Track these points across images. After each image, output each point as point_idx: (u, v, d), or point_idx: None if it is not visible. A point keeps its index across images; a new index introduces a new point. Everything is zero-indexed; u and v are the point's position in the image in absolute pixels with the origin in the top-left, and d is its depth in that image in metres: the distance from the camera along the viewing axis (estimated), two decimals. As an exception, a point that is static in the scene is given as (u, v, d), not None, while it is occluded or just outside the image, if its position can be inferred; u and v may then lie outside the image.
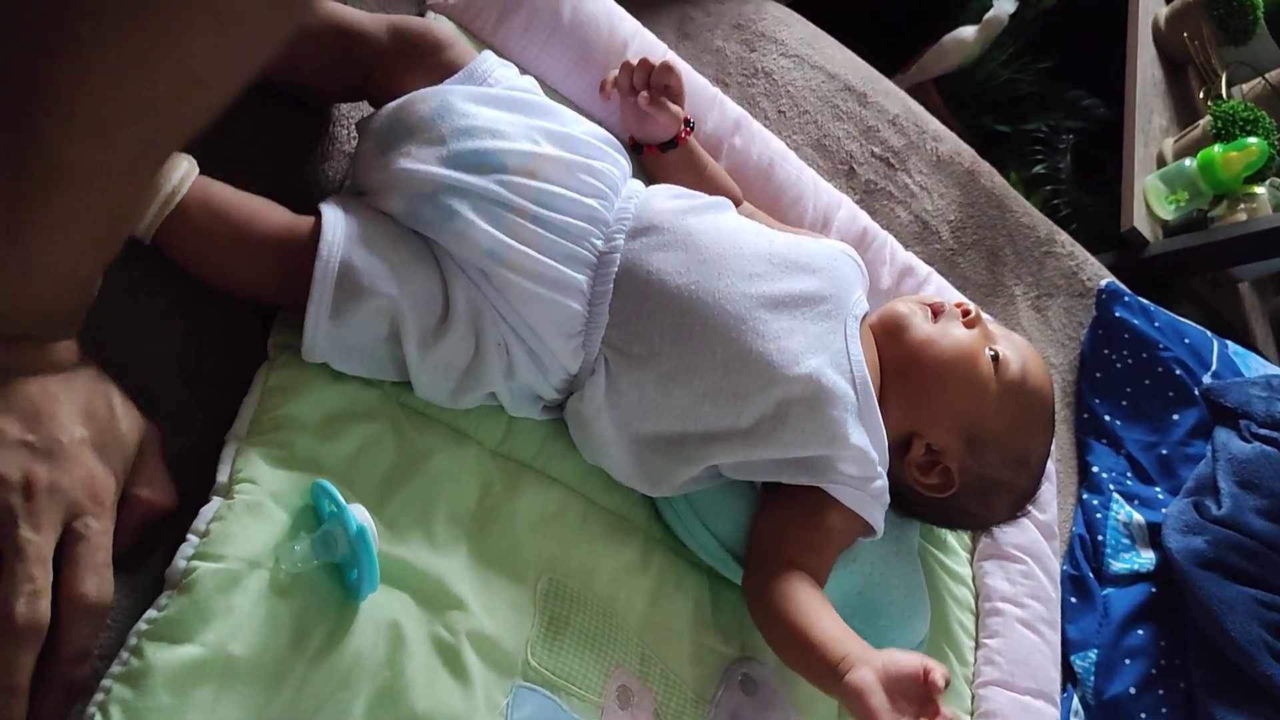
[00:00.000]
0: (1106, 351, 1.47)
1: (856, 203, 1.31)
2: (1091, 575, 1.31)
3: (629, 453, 0.92)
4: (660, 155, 1.06)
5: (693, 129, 1.07)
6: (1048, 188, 2.19)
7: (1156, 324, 1.48)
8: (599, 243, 0.89)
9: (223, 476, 0.75)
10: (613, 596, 0.92)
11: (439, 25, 0.92)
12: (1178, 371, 1.44)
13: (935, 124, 1.44)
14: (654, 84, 1.04)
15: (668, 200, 0.94)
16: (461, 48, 0.91)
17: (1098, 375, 1.46)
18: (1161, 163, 1.97)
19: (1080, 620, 1.28)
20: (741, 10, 1.31)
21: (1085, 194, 2.19)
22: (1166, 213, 1.85)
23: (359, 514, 0.74)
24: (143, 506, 0.72)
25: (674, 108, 1.05)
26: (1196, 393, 1.44)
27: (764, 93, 1.28)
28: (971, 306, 1.05)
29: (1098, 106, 2.32)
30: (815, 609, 0.89)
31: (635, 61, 1.04)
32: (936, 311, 1.04)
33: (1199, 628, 1.23)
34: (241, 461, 0.76)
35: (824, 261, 0.99)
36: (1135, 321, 1.47)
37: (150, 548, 0.72)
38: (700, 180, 1.07)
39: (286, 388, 0.81)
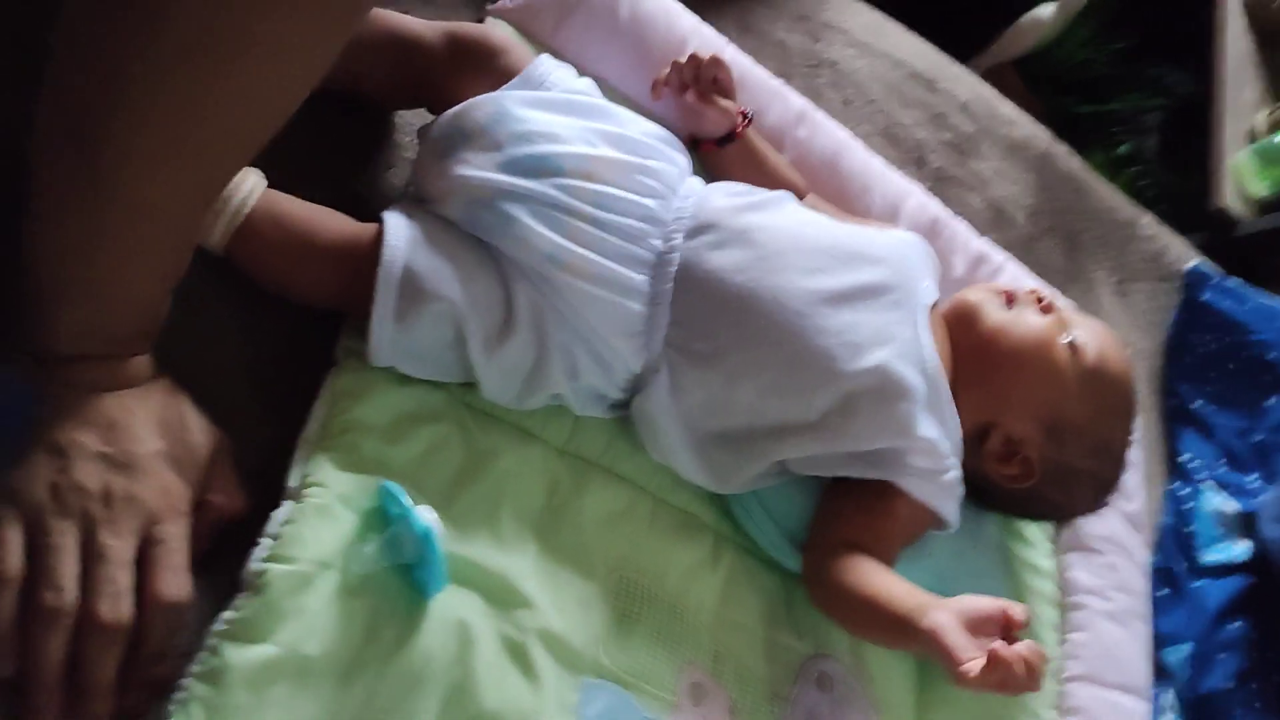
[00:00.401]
0: (1193, 336, 1.42)
1: (928, 190, 1.29)
2: (1182, 567, 1.27)
3: (696, 450, 0.92)
4: (717, 150, 1.06)
5: (750, 122, 1.06)
6: (1133, 169, 2.12)
7: (1246, 306, 1.43)
8: (657, 243, 0.89)
9: (293, 481, 0.77)
10: (684, 594, 0.92)
11: (495, 31, 0.93)
12: (1270, 355, 1.39)
13: (1007, 108, 1.41)
14: (702, 79, 1.03)
15: (725, 198, 0.94)
16: (518, 52, 0.92)
17: (1185, 360, 1.41)
18: (1253, 138, 1.90)
19: (1171, 613, 1.24)
20: (804, 1, 1.29)
21: (1172, 174, 2.12)
22: (1259, 189, 1.78)
23: (425, 515, 0.75)
24: (216, 512, 0.74)
25: (725, 102, 1.04)
26: (1292, 376, 1.39)
27: (829, 83, 1.27)
28: (1045, 292, 1.03)
29: (1183, 83, 2.24)
30: (880, 575, 0.88)
31: (684, 59, 1.03)
32: (1010, 299, 1.02)
33: (1297, 620, 1.19)
34: (311, 465, 0.77)
35: (889, 251, 0.97)
36: (1223, 305, 1.42)
37: (227, 551, 0.74)
38: (761, 174, 1.07)
39: (354, 392, 0.82)
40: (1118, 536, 1.18)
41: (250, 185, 0.81)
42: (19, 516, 0.65)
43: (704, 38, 1.12)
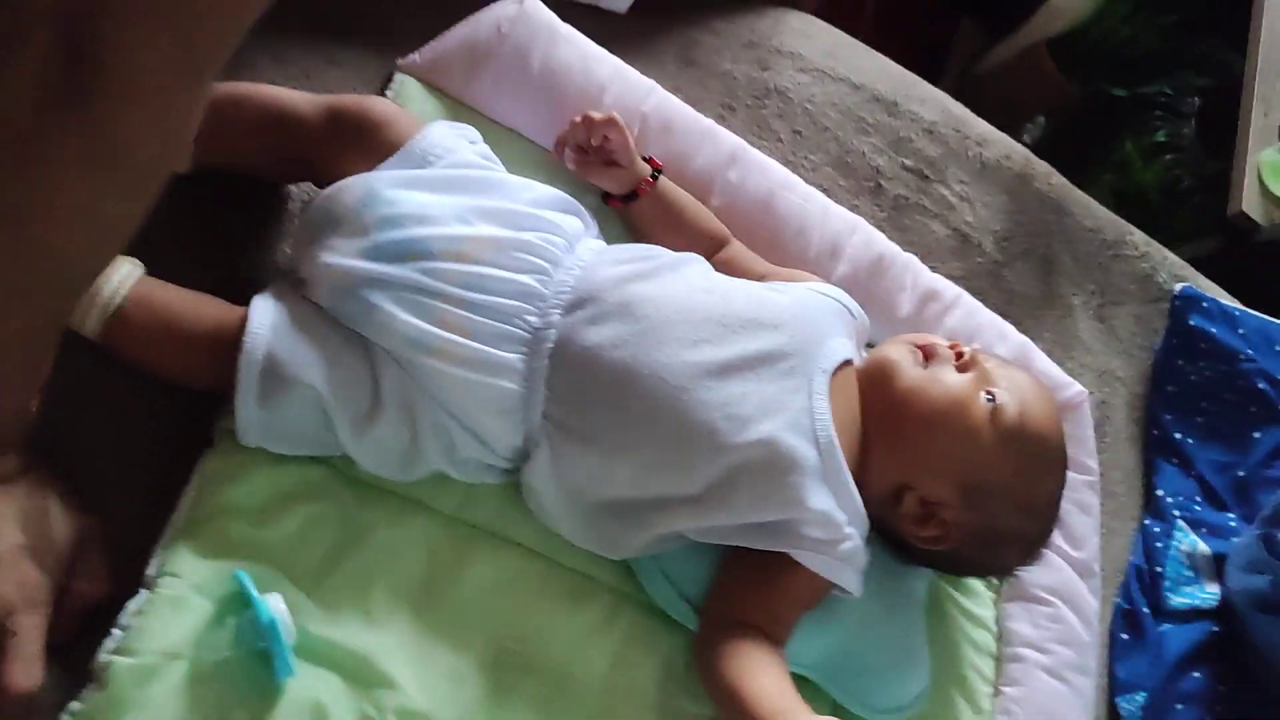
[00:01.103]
0: (1181, 363, 1.36)
1: (884, 221, 1.26)
2: (1147, 610, 1.23)
3: (583, 519, 0.92)
4: (624, 206, 1.05)
5: (657, 178, 1.04)
6: (1168, 156, 2.01)
7: (1241, 330, 1.36)
8: (533, 319, 0.88)
9: (151, 569, 0.80)
10: (570, 661, 0.92)
11: (375, 104, 0.92)
12: (1261, 385, 1.32)
13: (981, 127, 1.35)
14: (593, 141, 1.02)
15: (615, 266, 0.93)
16: (400, 124, 0.92)
17: (1170, 389, 1.35)
18: (1284, 133, 1.78)
19: (1131, 659, 1.20)
20: (755, 27, 1.26)
21: (1212, 161, 2.00)
22: (1283, 191, 1.68)
23: (273, 604, 0.78)
24: (81, 599, 0.78)
25: (632, 159, 1.03)
26: (1282, 407, 1.31)
27: (777, 114, 1.23)
28: (966, 348, 0.99)
29: (1233, 62, 2.10)
30: (756, 666, 0.87)
31: (580, 118, 1.02)
32: (929, 354, 0.99)
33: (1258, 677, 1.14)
34: (170, 554, 0.80)
35: (790, 314, 0.95)
36: (1214, 330, 1.35)
37: (93, 638, 0.78)
38: (676, 226, 1.05)
39: (225, 474, 0.85)
40: (1064, 587, 1.14)
41: (122, 274, 0.84)
42: None
43: (625, 84, 1.10)
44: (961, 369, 0.98)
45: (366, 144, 0.91)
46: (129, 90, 0.59)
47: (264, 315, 0.83)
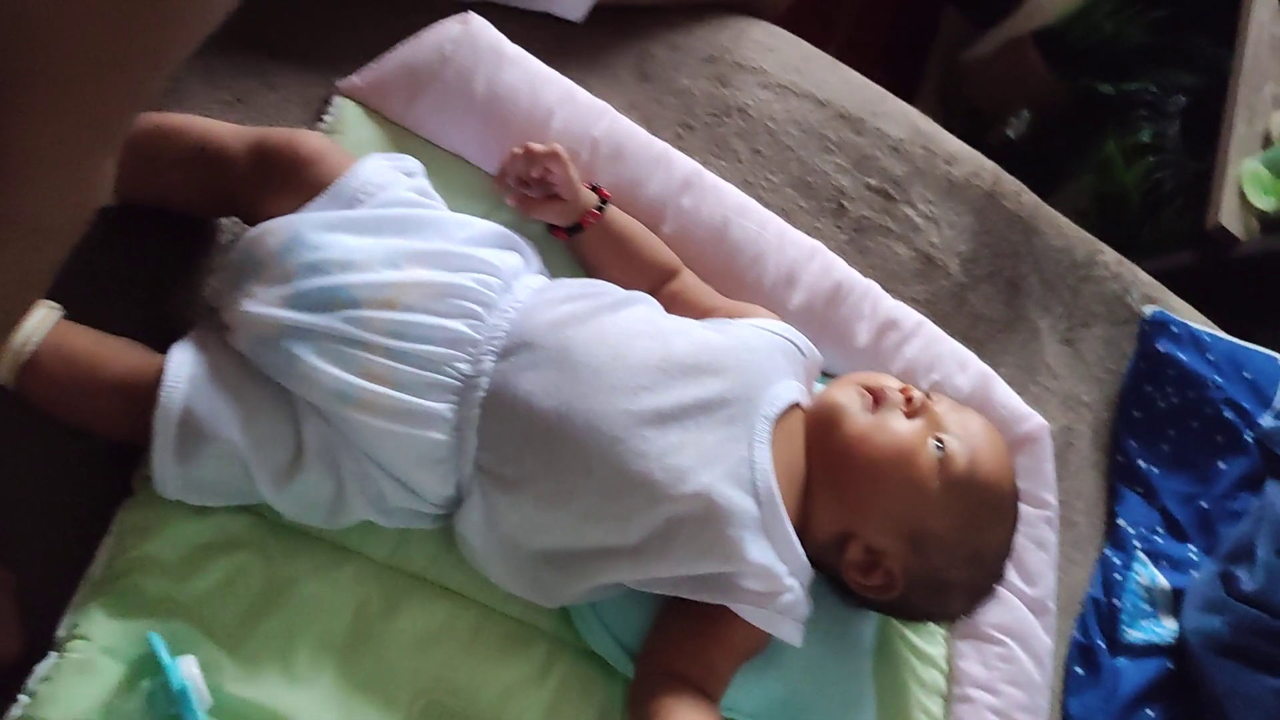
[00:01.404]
0: (1149, 389, 1.33)
1: (845, 244, 1.23)
2: (1103, 644, 1.21)
3: (517, 569, 0.90)
4: (569, 239, 1.02)
5: (604, 209, 1.01)
6: (1151, 158, 1.98)
7: (1210, 357, 1.33)
8: (464, 366, 0.86)
9: (61, 630, 0.78)
10: (501, 713, 0.91)
11: (304, 141, 0.89)
12: (1227, 414, 1.29)
13: (951, 144, 1.32)
14: (533, 175, 0.98)
15: (551, 309, 0.90)
16: (331, 161, 0.88)
17: (1136, 414, 1.32)
18: (1268, 143, 1.74)
19: (1084, 694, 1.19)
20: (715, 40, 1.22)
21: (1195, 163, 1.96)
22: (1264, 204, 1.64)
23: (185, 669, 0.75)
24: (-11, 659, 0.76)
25: (575, 192, 0.99)
26: (1248, 437, 1.29)
27: (737, 132, 1.20)
28: (916, 393, 0.97)
29: (1221, 59, 2.06)
30: None
31: (520, 151, 0.98)
32: (878, 398, 0.96)
33: (1210, 720, 1.12)
34: (81, 614, 0.78)
35: (731, 358, 0.92)
36: (1182, 355, 1.32)
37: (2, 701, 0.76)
38: (623, 258, 1.02)
39: (144, 527, 0.82)
40: (1017, 625, 1.12)
41: (37, 319, 0.81)
42: None
43: (575, 108, 1.06)
44: (911, 415, 0.95)
45: (295, 182, 0.87)
46: (29, 168, 0.57)
47: (181, 367, 0.81)
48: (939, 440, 0.94)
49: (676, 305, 1.03)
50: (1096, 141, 2.09)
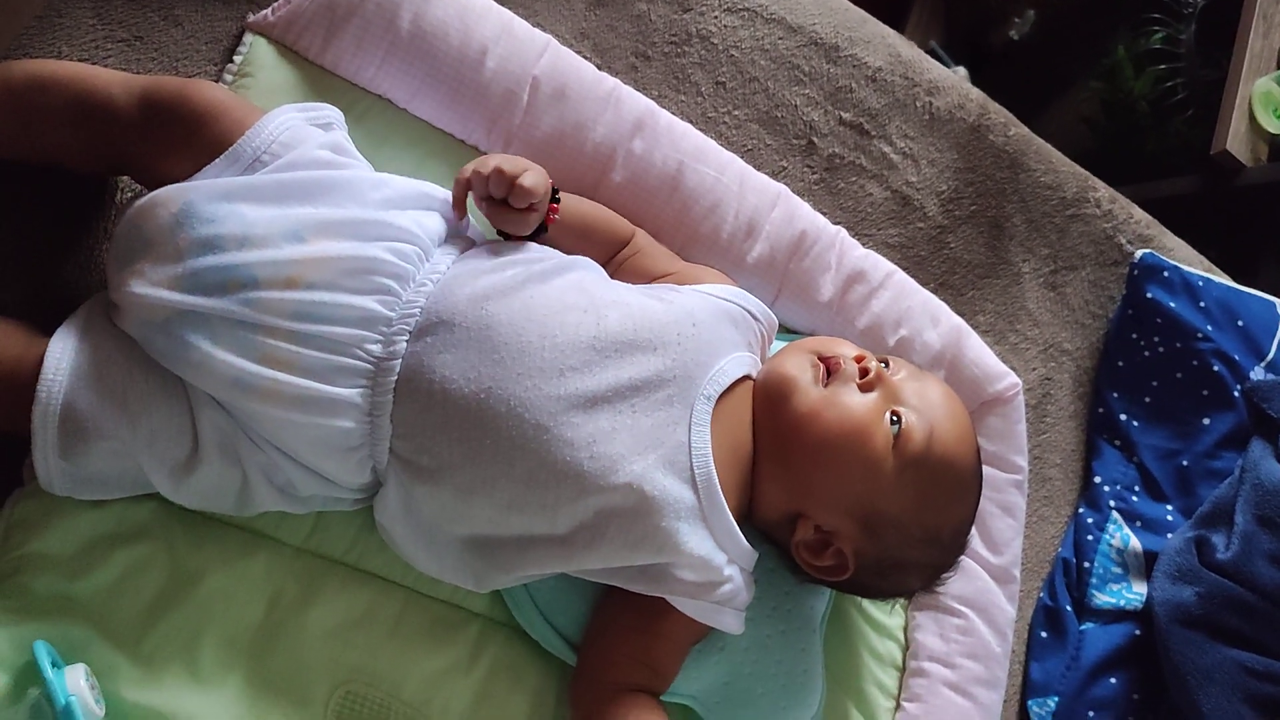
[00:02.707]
0: (1135, 336, 1.25)
1: (814, 184, 1.14)
2: (1070, 608, 1.17)
3: (441, 557, 0.85)
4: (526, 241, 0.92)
5: (558, 201, 0.90)
6: (1162, 66, 1.85)
7: (1203, 304, 1.25)
8: (375, 348, 0.79)
9: (-59, 639, 0.73)
10: (427, 701, 0.87)
11: (199, 92, 0.79)
12: (1216, 366, 1.22)
13: (933, 72, 1.21)
14: (493, 197, 0.86)
15: (473, 280, 0.82)
16: (231, 118, 0.79)
17: (1120, 364, 1.25)
18: (1284, 60, 1.61)
19: (1047, 659, 1.15)
20: (677, -43, 1.11)
21: (1210, 71, 1.83)
22: (1274, 126, 1.52)
23: (72, 682, 0.71)
24: None
25: (536, 202, 0.87)
26: (1237, 393, 1.22)
27: (698, 62, 1.10)
28: (872, 364, 0.90)
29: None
30: None
31: (489, 171, 0.85)
32: (831, 369, 0.90)
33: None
34: (-39, 622, 0.73)
35: (672, 333, 0.85)
36: (1171, 304, 1.24)
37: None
38: (580, 242, 0.93)
39: (33, 521, 0.77)
40: (979, 596, 1.08)
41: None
42: None
43: (513, 43, 0.96)
44: (865, 388, 0.89)
45: (190, 141, 0.79)
46: None
47: (61, 358, 0.74)
48: (895, 415, 0.87)
49: (625, 272, 0.95)
50: (1105, 46, 1.96)
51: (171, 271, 0.75)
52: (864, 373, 0.89)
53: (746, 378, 0.90)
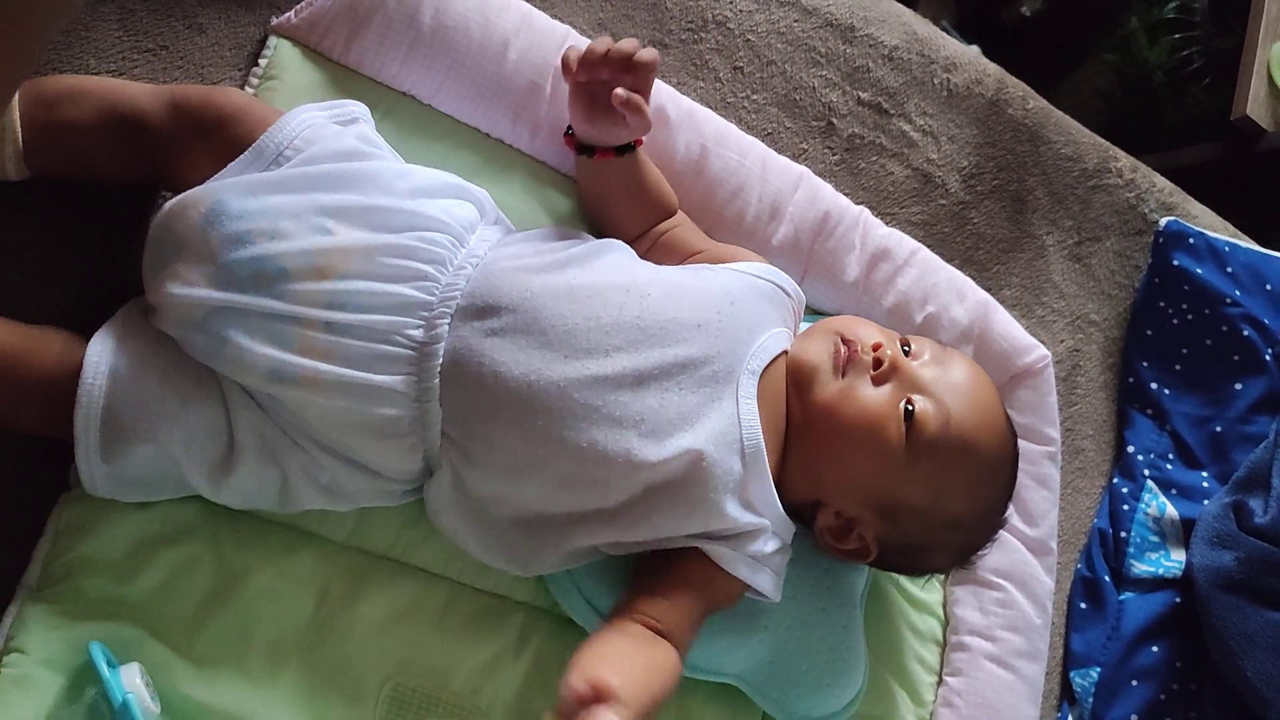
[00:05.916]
0: (1163, 304, 1.25)
1: (835, 165, 1.14)
2: (1108, 578, 1.17)
3: (490, 540, 0.85)
4: (613, 160, 0.93)
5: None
6: (1177, 35, 1.85)
7: (1229, 269, 1.25)
8: (416, 333, 0.79)
9: (-1, 642, 0.74)
10: (475, 691, 0.88)
11: (224, 96, 0.81)
12: (1246, 331, 1.22)
13: (950, 49, 1.21)
14: (627, 79, 0.87)
15: (515, 263, 0.83)
16: (253, 118, 0.80)
17: (1149, 333, 1.25)
18: (1302, 21, 1.60)
19: (1088, 630, 1.15)
20: (691, -54, 1.11)
21: (1225, 38, 1.83)
22: (1293, 90, 1.52)
23: (128, 680, 0.72)
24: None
25: (648, 110, 0.89)
26: (1268, 357, 1.22)
27: (715, 48, 1.10)
28: (888, 351, 0.89)
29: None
30: (615, 634, 0.80)
31: (612, 52, 0.87)
32: (847, 359, 0.89)
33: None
34: (17, 625, 0.75)
35: (712, 311, 0.85)
36: (1198, 270, 1.24)
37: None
38: (634, 191, 0.95)
39: (82, 525, 0.78)
40: (1017, 569, 1.08)
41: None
42: None
43: (534, 35, 0.97)
44: (879, 380, 0.89)
45: (215, 142, 0.80)
46: None
47: (101, 361, 0.75)
48: (910, 405, 0.87)
49: (661, 246, 0.96)
50: (1118, 17, 1.95)
51: (206, 270, 0.75)
52: (878, 363, 0.89)
53: (784, 353, 0.90)
